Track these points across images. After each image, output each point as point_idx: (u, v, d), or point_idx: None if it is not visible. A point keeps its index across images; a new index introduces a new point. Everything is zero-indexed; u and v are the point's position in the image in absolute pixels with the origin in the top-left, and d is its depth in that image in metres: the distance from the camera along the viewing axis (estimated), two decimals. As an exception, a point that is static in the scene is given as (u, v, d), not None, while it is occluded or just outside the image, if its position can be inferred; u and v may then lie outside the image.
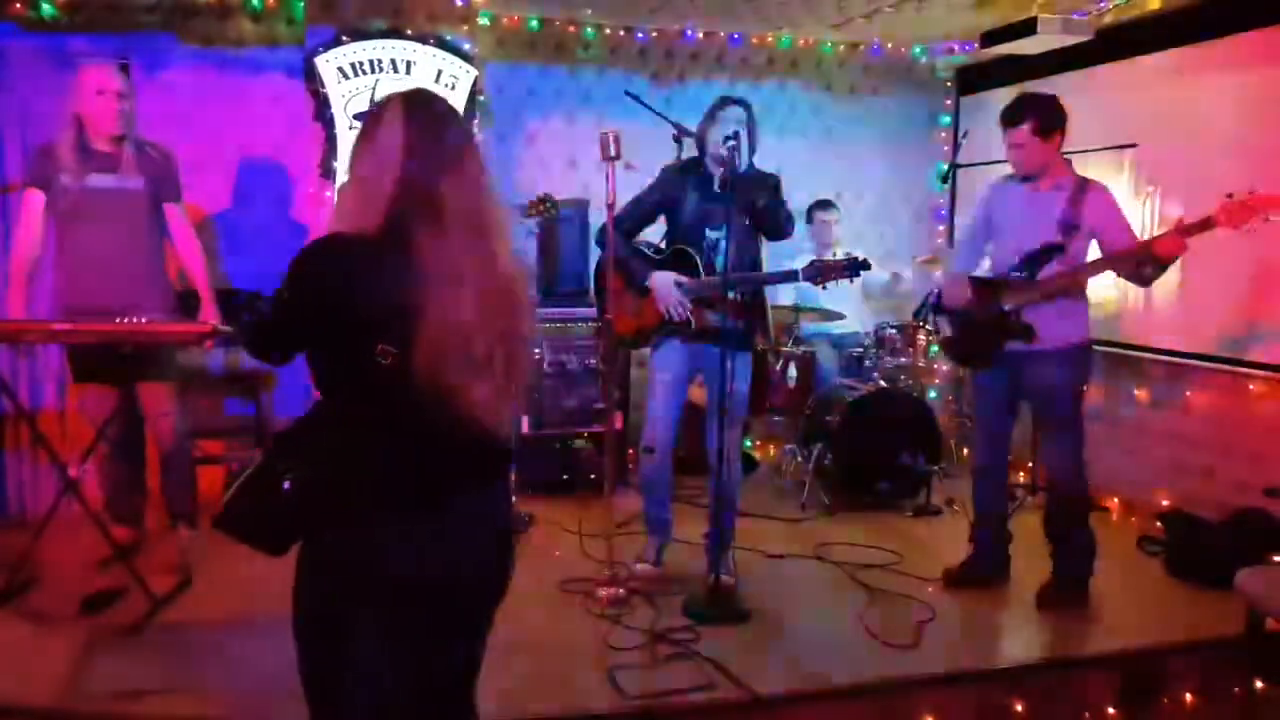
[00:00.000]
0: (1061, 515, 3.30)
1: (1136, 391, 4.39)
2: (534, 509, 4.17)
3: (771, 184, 3.24)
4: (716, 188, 3.21)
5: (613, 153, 3.07)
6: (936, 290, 3.54)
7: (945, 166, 4.58)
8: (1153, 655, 2.93)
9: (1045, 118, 3.08)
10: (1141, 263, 3.02)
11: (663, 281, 3.23)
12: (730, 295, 3.12)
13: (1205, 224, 2.91)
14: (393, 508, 1.46)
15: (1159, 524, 3.89)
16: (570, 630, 3.02)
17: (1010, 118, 3.13)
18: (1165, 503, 4.08)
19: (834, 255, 4.35)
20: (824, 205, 4.91)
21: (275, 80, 4.30)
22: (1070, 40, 3.95)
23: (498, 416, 1.49)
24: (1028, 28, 3.88)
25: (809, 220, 4.88)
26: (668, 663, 2.79)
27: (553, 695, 2.60)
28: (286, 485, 1.44)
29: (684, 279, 3.23)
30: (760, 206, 3.16)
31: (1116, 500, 4.39)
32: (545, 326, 4.42)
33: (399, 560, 1.46)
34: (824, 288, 3.20)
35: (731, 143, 3.02)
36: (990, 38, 4.16)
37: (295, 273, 1.46)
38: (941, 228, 5.52)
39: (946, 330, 3.44)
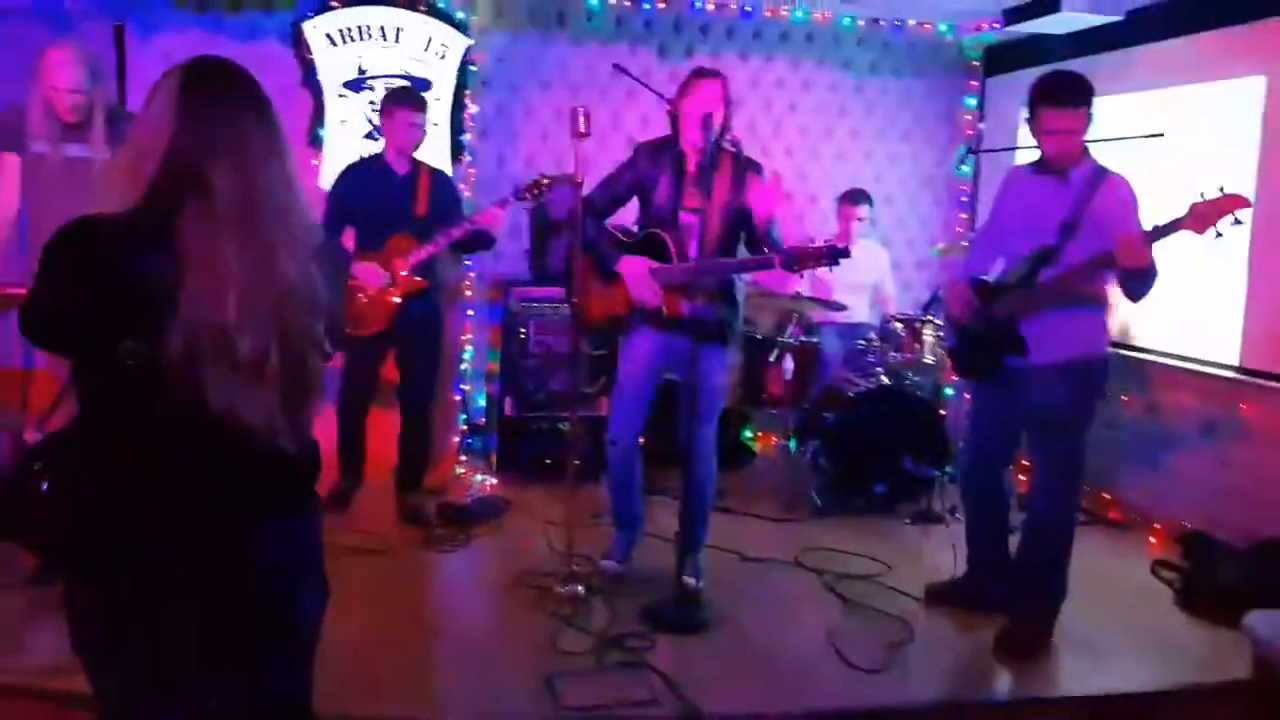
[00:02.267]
0: (1039, 552, 2.91)
1: (1167, 401, 4.05)
2: (513, 494, 4.04)
3: (746, 168, 2.99)
4: (692, 168, 3.02)
5: (582, 129, 2.89)
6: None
7: (965, 149, 4.32)
8: (1143, 700, 2.65)
9: (1092, 101, 2.68)
10: (1109, 270, 2.64)
11: (633, 267, 3.05)
12: (706, 283, 2.93)
13: (1172, 227, 2.52)
14: (140, 528, 1.31)
15: (1179, 546, 3.58)
16: (517, 629, 2.88)
17: (1066, 98, 2.64)
18: (1188, 524, 3.73)
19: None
20: (855, 198, 4.52)
21: (269, 45, 4.24)
22: (1097, 20, 3.65)
23: (281, 432, 1.34)
24: (1052, 5, 3.60)
25: (839, 206, 4.58)
26: (613, 671, 2.64)
27: (481, 700, 2.47)
28: (44, 487, 1.33)
29: (656, 265, 3.05)
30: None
31: (1137, 517, 4.06)
32: (531, 307, 4.28)
33: (148, 587, 1.31)
34: (801, 276, 2.99)
35: (711, 120, 2.83)
36: (1013, 15, 3.88)
37: (43, 258, 1.32)
38: (964, 215, 5.23)
39: (951, 338, 3.15)
